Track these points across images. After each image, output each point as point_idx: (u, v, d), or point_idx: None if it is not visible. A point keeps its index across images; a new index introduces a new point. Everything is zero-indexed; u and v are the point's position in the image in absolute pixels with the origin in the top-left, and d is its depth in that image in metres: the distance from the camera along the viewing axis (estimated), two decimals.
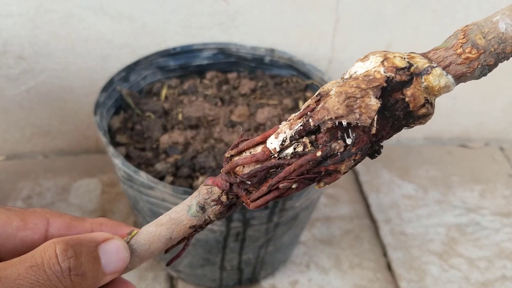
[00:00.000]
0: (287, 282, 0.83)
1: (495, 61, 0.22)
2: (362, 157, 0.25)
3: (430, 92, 0.24)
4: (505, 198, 1.03)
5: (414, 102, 0.23)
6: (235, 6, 0.89)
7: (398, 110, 0.24)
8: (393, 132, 0.25)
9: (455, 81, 0.24)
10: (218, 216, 0.27)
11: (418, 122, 0.25)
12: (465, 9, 0.95)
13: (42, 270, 0.22)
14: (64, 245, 0.23)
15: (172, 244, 0.29)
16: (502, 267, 0.89)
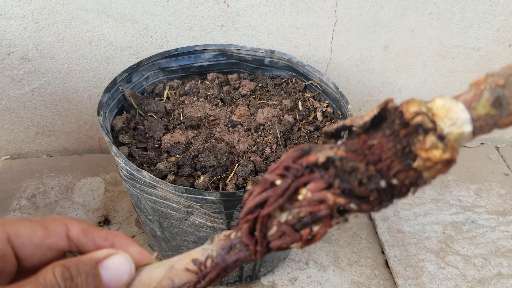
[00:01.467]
0: (287, 279, 0.84)
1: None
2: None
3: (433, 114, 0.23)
4: (500, 196, 1.03)
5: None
6: (236, 9, 0.89)
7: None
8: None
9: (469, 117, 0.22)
10: (220, 252, 0.27)
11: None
12: (461, 12, 0.95)
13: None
14: (61, 267, 0.25)
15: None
16: (498, 265, 0.89)
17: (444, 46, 1.00)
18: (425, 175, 0.22)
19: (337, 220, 0.24)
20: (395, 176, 0.23)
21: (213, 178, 0.65)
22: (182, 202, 0.61)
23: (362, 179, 0.23)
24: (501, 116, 0.22)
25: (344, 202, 0.23)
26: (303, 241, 0.24)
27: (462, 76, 1.05)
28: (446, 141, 0.22)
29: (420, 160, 0.22)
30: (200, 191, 0.59)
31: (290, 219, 0.24)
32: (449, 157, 0.22)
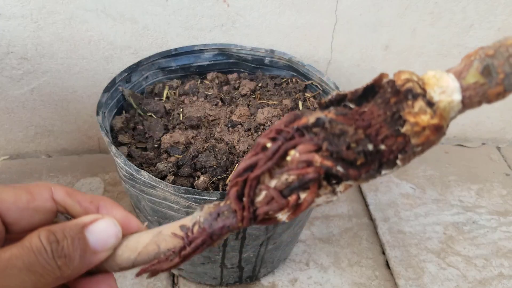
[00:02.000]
0: (287, 280, 0.84)
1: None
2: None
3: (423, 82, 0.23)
4: (502, 197, 1.03)
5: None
6: (236, 8, 0.89)
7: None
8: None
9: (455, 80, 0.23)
10: (208, 217, 0.27)
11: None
12: (462, 11, 0.95)
13: (32, 252, 0.24)
14: (46, 231, 0.25)
15: (160, 255, 0.29)
16: (499, 265, 0.89)
17: (445, 45, 1.00)
18: (413, 141, 0.23)
19: (325, 190, 0.24)
20: (383, 141, 0.23)
21: (213, 178, 0.65)
22: (182, 202, 0.61)
23: (351, 143, 0.23)
24: (490, 85, 0.22)
25: (331, 165, 0.23)
26: (290, 207, 0.25)
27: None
28: (435, 108, 0.22)
29: (408, 125, 0.22)
30: (200, 191, 0.58)
31: (279, 185, 0.25)
32: (437, 123, 0.22)
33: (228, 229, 0.26)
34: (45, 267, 0.24)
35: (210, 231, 0.26)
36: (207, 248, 0.27)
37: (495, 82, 0.22)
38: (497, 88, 0.22)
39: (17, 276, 0.23)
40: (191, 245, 0.27)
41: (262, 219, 0.26)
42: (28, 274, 0.24)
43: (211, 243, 0.27)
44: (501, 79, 0.22)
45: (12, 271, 0.23)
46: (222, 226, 0.26)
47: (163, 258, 0.28)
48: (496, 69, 0.22)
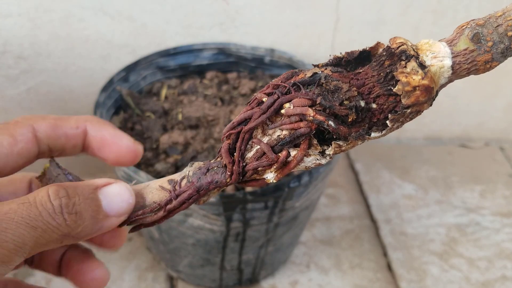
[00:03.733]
0: (287, 282, 0.83)
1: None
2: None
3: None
4: (505, 198, 1.03)
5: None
6: (235, 6, 0.89)
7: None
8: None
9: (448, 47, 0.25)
10: (197, 171, 0.27)
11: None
12: (465, 9, 0.94)
13: (34, 207, 0.23)
14: (56, 186, 0.24)
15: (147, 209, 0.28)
16: (503, 267, 0.89)
17: None
18: (403, 101, 0.24)
19: (315, 149, 0.25)
20: (375, 100, 0.25)
21: None
22: None
23: (344, 100, 0.24)
24: (479, 52, 0.24)
25: (323, 119, 0.24)
26: (279, 163, 0.25)
27: None
28: (426, 70, 0.24)
29: (400, 85, 0.24)
30: None
31: (271, 141, 0.26)
32: (428, 84, 0.23)
33: (216, 184, 0.27)
34: (49, 223, 0.23)
35: (198, 185, 0.27)
36: (193, 203, 0.27)
37: (484, 49, 0.24)
38: (485, 55, 0.24)
39: (14, 230, 0.22)
40: (178, 198, 0.27)
41: (250, 177, 0.27)
42: (27, 229, 0.22)
43: (198, 197, 0.27)
44: (489, 46, 0.23)
45: (9, 225, 0.22)
46: (210, 180, 0.27)
47: (147, 210, 0.27)
48: (485, 37, 0.23)
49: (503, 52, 0.24)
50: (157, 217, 0.27)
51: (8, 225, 0.22)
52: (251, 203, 0.64)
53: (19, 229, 0.22)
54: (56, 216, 0.23)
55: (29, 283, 0.29)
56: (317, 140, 0.25)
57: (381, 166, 1.07)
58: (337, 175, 1.04)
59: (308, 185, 0.66)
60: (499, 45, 0.23)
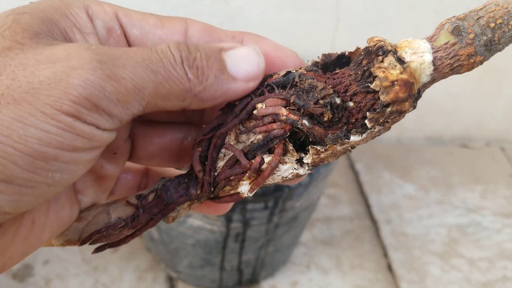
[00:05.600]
0: (287, 283, 0.83)
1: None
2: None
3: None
4: (506, 198, 1.03)
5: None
6: (235, 6, 0.88)
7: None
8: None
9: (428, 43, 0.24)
10: (166, 183, 0.26)
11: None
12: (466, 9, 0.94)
13: (155, 52, 0.21)
14: (177, 41, 0.22)
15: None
16: (503, 268, 0.89)
17: None
18: (382, 98, 0.22)
19: (291, 157, 0.24)
20: (351, 98, 0.23)
21: None
22: None
23: (319, 99, 0.23)
24: (461, 45, 0.23)
25: (297, 118, 0.23)
26: (252, 170, 0.24)
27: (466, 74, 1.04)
28: (405, 65, 0.22)
29: (377, 80, 0.22)
30: None
31: (243, 147, 0.24)
32: (407, 78, 0.22)
33: (186, 198, 0.25)
34: (170, 71, 0.20)
35: (166, 199, 0.25)
36: (162, 219, 0.25)
37: (466, 42, 0.22)
38: (467, 48, 0.23)
39: (133, 68, 0.20)
40: (145, 214, 0.25)
41: (223, 189, 0.25)
42: (146, 71, 0.20)
43: (166, 212, 0.25)
44: (471, 38, 0.22)
45: (127, 61, 0.20)
46: (180, 193, 0.25)
47: (111, 227, 0.25)
48: (466, 29, 0.23)
49: (486, 44, 0.22)
50: (122, 235, 0.25)
51: (126, 61, 0.20)
52: (251, 203, 0.64)
53: (138, 69, 0.20)
54: (177, 66, 0.21)
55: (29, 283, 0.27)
56: (293, 145, 0.24)
57: (381, 166, 1.07)
58: (338, 175, 1.04)
59: (308, 185, 0.66)
60: (481, 37, 0.22)
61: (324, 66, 0.26)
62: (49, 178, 0.19)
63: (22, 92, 0.18)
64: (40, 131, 0.18)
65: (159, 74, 0.20)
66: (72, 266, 0.82)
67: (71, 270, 0.81)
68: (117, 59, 0.19)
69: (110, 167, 0.26)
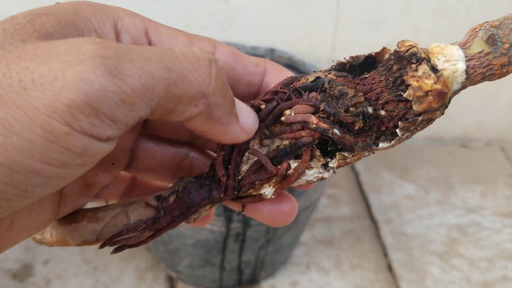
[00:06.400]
0: (287, 283, 0.83)
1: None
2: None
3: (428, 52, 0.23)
4: (506, 198, 1.03)
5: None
6: (235, 6, 0.88)
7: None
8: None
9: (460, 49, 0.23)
10: (188, 186, 0.24)
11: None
12: (466, 9, 0.94)
13: (172, 51, 0.19)
14: (209, 53, 0.20)
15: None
16: (503, 268, 0.89)
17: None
18: (414, 108, 0.22)
19: (317, 162, 0.23)
20: (383, 106, 0.23)
21: None
22: None
23: (350, 106, 0.22)
24: (495, 55, 0.22)
25: (327, 127, 0.22)
26: (278, 176, 0.23)
27: None
28: (439, 74, 0.22)
29: (411, 89, 0.22)
30: None
31: (269, 152, 0.23)
32: (441, 88, 0.22)
33: (208, 201, 0.24)
34: (188, 70, 0.18)
35: (188, 202, 0.24)
36: (183, 221, 0.24)
37: (500, 52, 0.22)
38: (502, 58, 0.22)
39: (143, 64, 0.17)
40: (165, 216, 0.24)
41: (246, 192, 0.24)
42: (159, 68, 0.18)
43: (188, 215, 0.24)
44: (506, 48, 0.22)
45: (137, 57, 0.17)
46: (202, 196, 0.24)
47: (132, 229, 0.24)
48: (502, 38, 0.22)
49: None
50: (143, 237, 0.24)
51: (135, 56, 0.17)
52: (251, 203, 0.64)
53: (149, 65, 0.17)
54: (200, 65, 0.18)
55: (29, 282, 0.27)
56: (320, 149, 0.23)
57: (381, 166, 1.07)
58: (337, 175, 1.04)
59: None
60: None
61: (350, 68, 0.25)
62: (28, 192, 0.16)
63: (11, 92, 0.15)
64: (24, 140, 0.15)
65: (174, 71, 0.18)
66: (72, 266, 0.82)
67: (71, 270, 0.81)
68: (125, 53, 0.17)
69: (104, 176, 0.25)
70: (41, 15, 0.19)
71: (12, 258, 0.82)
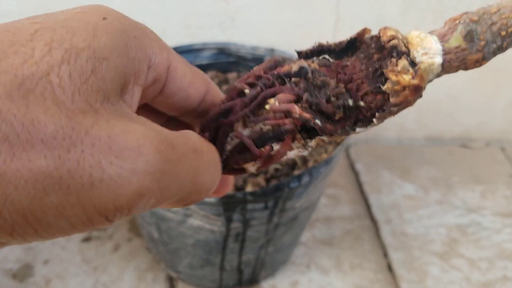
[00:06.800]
0: (287, 283, 0.83)
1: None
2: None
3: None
4: (506, 198, 1.03)
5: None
6: (235, 6, 0.88)
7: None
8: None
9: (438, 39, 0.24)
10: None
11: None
12: (466, 9, 0.94)
13: (204, 154, 0.21)
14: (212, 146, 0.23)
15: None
16: (503, 268, 0.88)
17: None
18: (391, 100, 0.23)
19: (298, 143, 0.25)
20: (363, 98, 0.24)
21: None
22: None
23: (331, 96, 0.24)
24: (470, 51, 0.23)
25: (310, 117, 0.23)
26: (262, 158, 0.25)
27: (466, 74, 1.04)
28: (416, 68, 0.23)
29: (389, 83, 0.23)
30: None
31: (252, 134, 0.25)
32: (418, 83, 0.23)
33: None
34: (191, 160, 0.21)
35: None
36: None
37: (476, 49, 0.23)
38: (476, 54, 0.23)
39: (182, 181, 0.19)
40: None
41: (231, 168, 0.26)
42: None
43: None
44: (482, 46, 0.23)
45: (182, 171, 0.19)
46: None
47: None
48: (479, 35, 0.23)
49: (494, 52, 0.23)
50: None
51: (180, 170, 0.19)
52: (251, 203, 0.64)
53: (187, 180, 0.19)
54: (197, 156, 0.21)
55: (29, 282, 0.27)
56: (301, 132, 0.25)
57: (381, 166, 1.07)
58: (338, 175, 1.04)
59: (308, 185, 0.66)
60: (491, 44, 0.23)
61: (330, 50, 0.26)
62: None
63: (79, 184, 0.16)
64: (67, 222, 0.17)
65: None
66: (72, 266, 0.82)
67: (71, 270, 0.81)
68: (177, 163, 0.18)
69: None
70: (103, 61, 0.18)
71: (12, 258, 0.82)
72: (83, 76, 0.17)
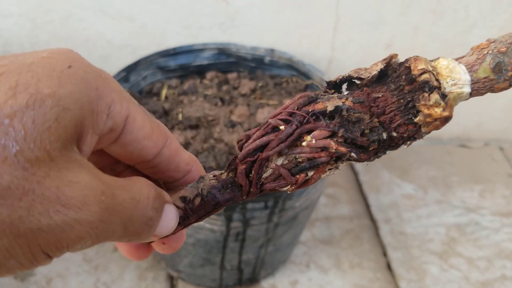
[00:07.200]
0: (287, 282, 0.83)
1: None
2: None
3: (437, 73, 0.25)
4: (504, 198, 1.03)
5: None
6: (235, 6, 0.88)
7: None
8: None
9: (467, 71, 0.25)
10: (211, 190, 0.27)
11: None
12: (464, 9, 0.94)
13: (140, 204, 0.22)
14: (157, 195, 0.24)
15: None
16: (502, 267, 0.89)
17: (448, 44, 0.99)
18: (423, 130, 0.24)
19: (331, 166, 0.26)
20: (395, 129, 0.25)
21: None
22: None
23: (365, 130, 0.25)
24: (498, 81, 0.24)
25: (346, 151, 0.24)
26: (297, 184, 0.26)
27: None
28: (447, 100, 0.24)
29: (421, 116, 0.24)
30: None
31: (287, 163, 0.26)
32: (448, 115, 0.24)
33: (232, 202, 0.27)
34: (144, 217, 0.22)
35: (214, 204, 0.27)
36: (208, 217, 0.28)
37: (504, 79, 0.24)
38: (504, 83, 0.24)
39: (123, 226, 0.21)
40: (194, 215, 0.27)
41: (268, 192, 0.27)
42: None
43: (213, 213, 0.27)
44: (510, 76, 0.24)
45: (120, 221, 0.21)
46: (227, 199, 0.27)
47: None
48: (507, 66, 0.24)
49: None
50: (175, 231, 0.27)
51: (120, 220, 0.20)
52: (251, 203, 0.64)
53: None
54: (147, 221, 0.22)
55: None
56: (334, 159, 0.26)
57: (380, 166, 1.07)
58: (337, 175, 1.04)
59: None
60: None
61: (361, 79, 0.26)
62: None
63: (27, 228, 0.18)
64: (17, 263, 0.18)
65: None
66: (73, 265, 0.82)
67: (72, 269, 0.82)
68: (114, 211, 0.20)
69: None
70: (67, 111, 0.19)
71: None
72: (46, 123, 0.18)
